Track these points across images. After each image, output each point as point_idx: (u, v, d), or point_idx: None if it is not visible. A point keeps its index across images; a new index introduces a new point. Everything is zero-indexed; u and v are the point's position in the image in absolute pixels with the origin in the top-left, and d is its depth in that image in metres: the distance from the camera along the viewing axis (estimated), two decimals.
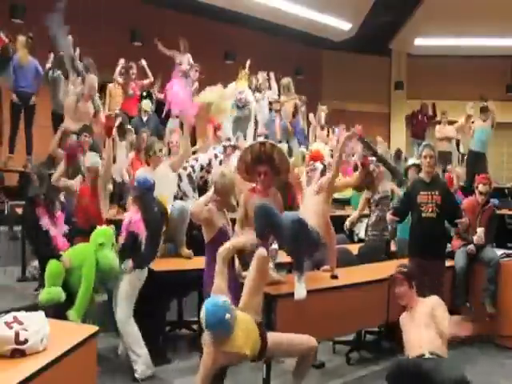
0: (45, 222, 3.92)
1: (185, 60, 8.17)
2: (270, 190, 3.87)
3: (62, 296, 3.78)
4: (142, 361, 3.95)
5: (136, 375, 3.92)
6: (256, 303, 3.21)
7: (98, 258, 3.87)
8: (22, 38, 6.96)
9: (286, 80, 8.74)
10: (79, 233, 4.36)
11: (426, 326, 3.50)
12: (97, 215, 4.58)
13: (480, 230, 5.01)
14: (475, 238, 5.01)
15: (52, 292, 3.75)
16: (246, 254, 3.53)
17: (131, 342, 3.94)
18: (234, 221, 3.91)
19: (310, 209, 3.92)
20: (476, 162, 8.65)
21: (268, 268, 3.45)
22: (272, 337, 3.17)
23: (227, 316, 2.84)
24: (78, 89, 6.67)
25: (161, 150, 4.97)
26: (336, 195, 7.01)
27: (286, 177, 4.13)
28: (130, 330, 3.95)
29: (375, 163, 5.31)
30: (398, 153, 8.95)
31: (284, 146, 7.67)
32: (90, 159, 4.64)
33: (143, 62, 8.30)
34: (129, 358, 3.98)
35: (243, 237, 3.55)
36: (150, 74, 8.33)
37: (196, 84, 8.08)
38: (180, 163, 5.20)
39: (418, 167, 5.36)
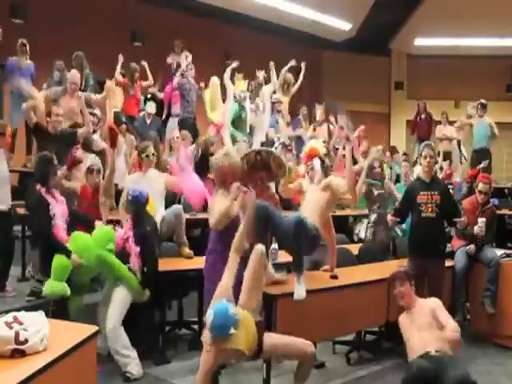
0: (51, 202, 4.00)
1: (181, 59, 8.18)
2: (266, 193, 3.85)
3: (67, 291, 3.79)
4: (134, 362, 3.95)
5: (131, 376, 3.91)
6: (255, 301, 3.18)
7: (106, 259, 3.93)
8: (18, 43, 6.94)
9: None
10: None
11: (428, 326, 3.50)
12: (98, 215, 4.59)
13: (481, 220, 4.92)
14: (476, 228, 4.91)
15: (57, 286, 3.76)
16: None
17: (121, 346, 3.91)
18: None
19: (312, 205, 3.89)
20: (481, 160, 8.57)
21: (266, 265, 3.40)
22: (270, 338, 3.15)
23: (232, 331, 2.82)
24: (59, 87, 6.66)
25: (154, 155, 4.96)
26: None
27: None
28: (119, 335, 3.93)
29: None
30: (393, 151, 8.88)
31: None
32: (90, 159, 4.65)
33: (146, 65, 8.28)
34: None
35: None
36: (150, 76, 8.32)
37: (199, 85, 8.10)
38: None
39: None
